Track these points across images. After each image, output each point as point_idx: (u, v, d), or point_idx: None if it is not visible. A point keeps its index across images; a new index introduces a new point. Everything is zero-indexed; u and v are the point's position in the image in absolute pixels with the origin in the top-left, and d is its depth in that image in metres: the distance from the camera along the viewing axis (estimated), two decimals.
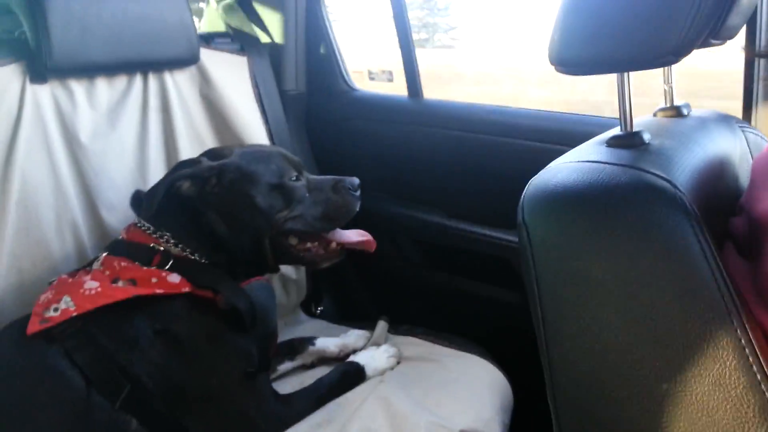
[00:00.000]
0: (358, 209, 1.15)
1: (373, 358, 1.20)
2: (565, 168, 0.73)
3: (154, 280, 0.99)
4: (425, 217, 1.59)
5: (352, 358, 1.20)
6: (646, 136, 0.76)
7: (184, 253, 1.04)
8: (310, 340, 1.28)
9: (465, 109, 1.56)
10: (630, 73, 0.74)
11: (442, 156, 1.55)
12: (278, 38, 1.68)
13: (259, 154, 1.12)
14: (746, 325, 0.61)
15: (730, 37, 0.79)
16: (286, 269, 1.48)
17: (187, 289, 1.00)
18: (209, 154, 1.13)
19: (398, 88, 1.70)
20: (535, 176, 0.75)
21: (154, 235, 1.05)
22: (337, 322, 1.47)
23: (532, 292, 0.73)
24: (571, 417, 0.74)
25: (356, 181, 1.17)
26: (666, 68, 0.91)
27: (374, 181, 1.66)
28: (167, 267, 1.01)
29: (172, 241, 1.04)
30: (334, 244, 1.14)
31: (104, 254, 1.04)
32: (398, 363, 1.22)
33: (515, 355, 1.21)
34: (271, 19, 1.68)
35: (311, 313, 1.55)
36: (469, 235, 1.50)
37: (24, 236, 1.13)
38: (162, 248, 1.03)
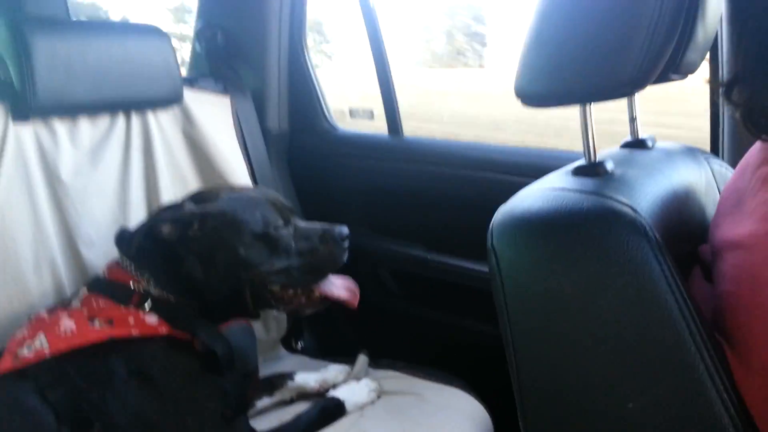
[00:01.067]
0: (345, 261, 1.13)
1: (353, 392, 1.20)
2: (532, 195, 0.75)
3: (131, 320, 0.99)
4: (406, 251, 1.61)
5: (332, 393, 1.19)
6: (609, 166, 0.78)
7: (163, 295, 1.04)
8: (289, 376, 1.27)
9: (443, 145, 1.60)
10: (592, 105, 0.77)
11: (421, 191, 1.58)
12: (261, 80, 1.73)
13: (245, 201, 1.10)
14: (706, 346, 0.62)
15: (691, 71, 0.83)
16: None
17: (164, 331, 1.00)
18: (195, 197, 1.13)
19: (379, 126, 1.74)
20: (504, 204, 0.77)
21: (135, 275, 1.04)
22: (318, 356, 1.46)
23: (502, 315, 0.74)
24: None
25: (345, 231, 1.14)
26: (630, 102, 0.95)
27: (356, 216, 1.68)
28: (146, 307, 1.01)
29: (152, 281, 1.04)
30: (317, 294, 1.12)
31: (84, 291, 1.04)
32: (378, 397, 1.22)
33: (495, 387, 1.20)
34: (255, 60, 1.73)
35: (292, 349, 1.54)
36: (449, 268, 1.52)
37: (2, 271, 1.13)
38: (142, 288, 1.03)
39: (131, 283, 1.04)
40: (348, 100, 1.96)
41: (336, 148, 1.77)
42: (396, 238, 1.64)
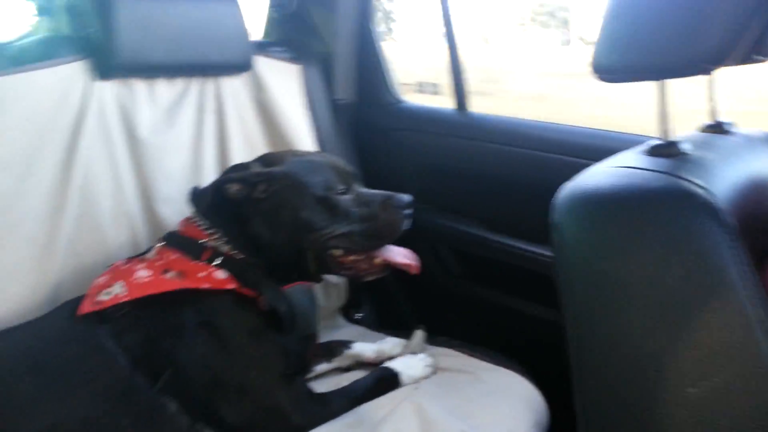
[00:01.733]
0: (406, 228, 1.13)
1: (409, 365, 1.20)
2: (601, 172, 0.74)
3: (201, 274, 1.03)
4: (467, 230, 1.59)
5: (387, 365, 1.20)
6: (685, 146, 0.75)
7: (232, 252, 1.07)
8: (347, 344, 1.29)
9: (510, 123, 1.56)
10: (669, 83, 0.74)
11: (486, 169, 1.55)
12: (330, 49, 1.72)
13: (309, 165, 1.13)
14: None
15: None
16: None
17: (232, 286, 1.03)
18: (263, 159, 1.16)
19: (445, 102, 1.72)
20: (570, 180, 0.75)
21: (207, 232, 1.08)
22: (375, 329, 1.48)
23: (562, 292, 0.73)
24: (597, 422, 0.73)
25: (407, 198, 1.14)
26: (709, 84, 0.90)
27: (418, 191, 1.66)
28: (215, 263, 1.05)
29: (222, 239, 1.08)
30: (378, 260, 1.14)
31: (159, 244, 1.09)
32: (434, 373, 1.22)
33: (553, 373, 1.19)
34: (324, 30, 1.72)
35: (350, 318, 1.56)
36: (511, 249, 1.49)
37: (82, 223, 1.18)
38: (212, 245, 1.07)
39: (203, 239, 1.07)
40: (414, 74, 1.94)
41: (401, 122, 1.76)
42: (458, 215, 1.63)
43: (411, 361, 1.22)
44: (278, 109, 1.48)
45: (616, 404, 0.70)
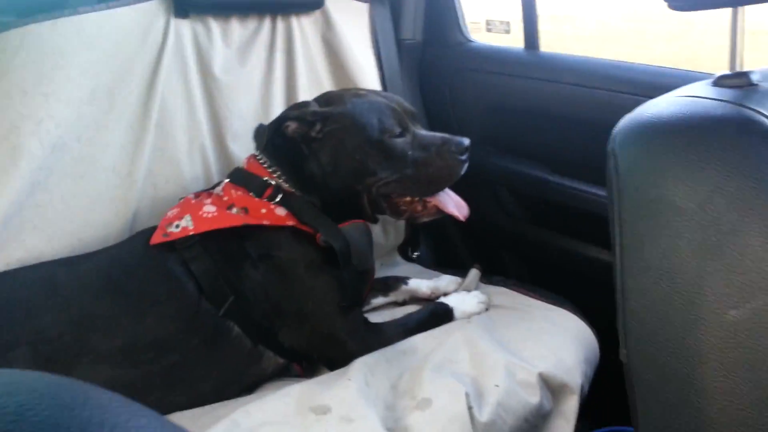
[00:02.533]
0: (462, 173, 1.14)
1: (463, 301, 1.24)
2: (664, 101, 0.73)
3: (263, 210, 1.08)
4: (528, 172, 1.58)
5: (441, 300, 1.24)
6: (755, 77, 0.72)
7: (292, 190, 1.12)
8: (403, 280, 1.34)
9: (582, 62, 1.52)
10: (744, 10, 0.70)
11: (553, 110, 1.52)
12: None
13: (367, 105, 1.14)
14: None
15: None
16: None
17: (291, 222, 1.08)
18: (323, 98, 1.18)
19: (516, 41, 1.68)
20: (632, 110, 0.74)
21: (269, 169, 1.13)
22: (432, 267, 1.51)
23: (613, 220, 0.74)
24: (639, 341, 0.75)
25: (465, 142, 1.14)
26: None
27: (482, 132, 1.67)
28: (276, 200, 1.09)
29: (283, 177, 1.12)
30: (431, 204, 1.16)
31: (226, 181, 1.15)
32: (487, 309, 1.25)
33: (607, 313, 1.20)
34: None
35: (407, 257, 1.60)
36: (571, 191, 1.48)
37: (160, 155, 1.26)
38: (274, 182, 1.12)
39: (265, 176, 1.12)
40: (484, 11, 1.89)
41: (468, 62, 1.73)
42: (520, 157, 1.61)
43: (465, 297, 1.25)
44: (345, 48, 1.50)
45: (658, 325, 0.71)
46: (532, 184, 1.57)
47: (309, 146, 1.12)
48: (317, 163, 1.12)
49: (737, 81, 0.73)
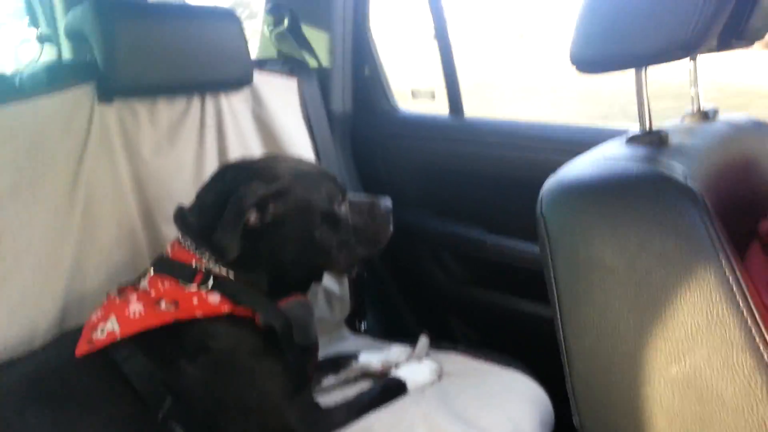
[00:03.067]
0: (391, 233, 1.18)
1: (415, 372, 1.22)
2: (582, 163, 0.76)
3: (195, 301, 1.02)
4: (466, 233, 1.61)
5: (394, 373, 1.22)
6: (665, 135, 0.77)
7: (224, 272, 1.05)
8: (353, 356, 1.30)
9: (505, 126, 1.59)
10: (647, 72, 0.76)
11: (482, 172, 1.58)
12: (326, 61, 1.75)
13: (310, 177, 1.11)
14: (753, 310, 0.63)
15: (756, 38, 0.81)
16: (331, 285, 1.53)
17: (226, 309, 1.03)
18: (255, 170, 1.09)
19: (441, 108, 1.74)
20: (555, 173, 0.77)
21: (196, 253, 1.06)
22: (381, 338, 1.49)
23: (550, 283, 0.75)
24: (589, 405, 0.76)
25: (389, 204, 1.19)
26: (691, 72, 0.92)
27: (417, 197, 1.70)
28: (208, 286, 1.04)
29: (212, 258, 1.06)
30: None
31: (150, 272, 1.08)
32: (439, 378, 1.24)
33: (556, 371, 1.21)
34: (320, 43, 1.75)
35: (355, 329, 1.58)
36: (509, 250, 1.52)
37: (88, 245, 1.20)
38: (203, 266, 1.05)
39: (193, 261, 1.06)
40: (410, 81, 1.97)
41: (398, 129, 1.78)
42: (457, 219, 1.65)
43: (416, 368, 1.23)
44: (276, 123, 1.50)
45: (605, 387, 0.73)
46: (471, 245, 1.60)
47: (258, 230, 1.05)
48: (266, 243, 1.07)
49: (648, 139, 0.77)
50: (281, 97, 1.55)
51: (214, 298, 1.03)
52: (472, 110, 1.69)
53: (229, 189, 1.05)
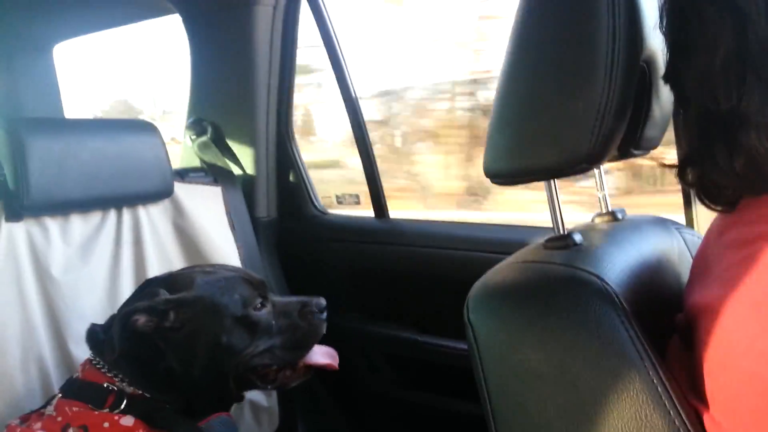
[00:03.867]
0: (324, 332, 1.13)
1: None
2: (505, 268, 0.78)
3: (106, 425, 0.95)
4: (397, 334, 1.60)
5: None
6: (578, 238, 0.81)
7: (139, 393, 1.00)
8: None
9: (429, 226, 1.64)
10: (557, 181, 0.80)
11: (409, 271, 1.59)
12: (250, 169, 1.78)
13: (223, 282, 1.08)
14: (679, 409, 0.63)
15: (652, 147, 0.88)
16: (257, 397, 1.46)
17: None
18: (168, 281, 1.08)
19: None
20: (480, 278, 0.79)
21: (109, 374, 1.00)
22: None
23: (481, 389, 0.75)
24: None
25: (323, 302, 1.14)
26: (597, 177, 0.98)
27: (347, 299, 1.69)
28: (121, 408, 0.97)
29: (126, 379, 1.00)
30: (300, 365, 1.12)
31: (58, 397, 1.01)
32: None
33: None
34: (243, 152, 1.79)
35: None
36: (442, 349, 1.51)
37: None
38: (116, 388, 0.99)
39: (104, 382, 1.00)
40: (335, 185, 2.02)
41: (324, 233, 1.80)
42: (387, 320, 1.64)
43: None
44: (200, 233, 1.48)
45: None
46: (403, 346, 1.59)
47: (162, 339, 1.01)
48: (175, 356, 1.01)
49: (563, 242, 0.81)
50: (205, 206, 1.54)
51: (128, 421, 0.96)
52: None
53: None
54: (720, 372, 0.62)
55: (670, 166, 0.74)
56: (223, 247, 1.52)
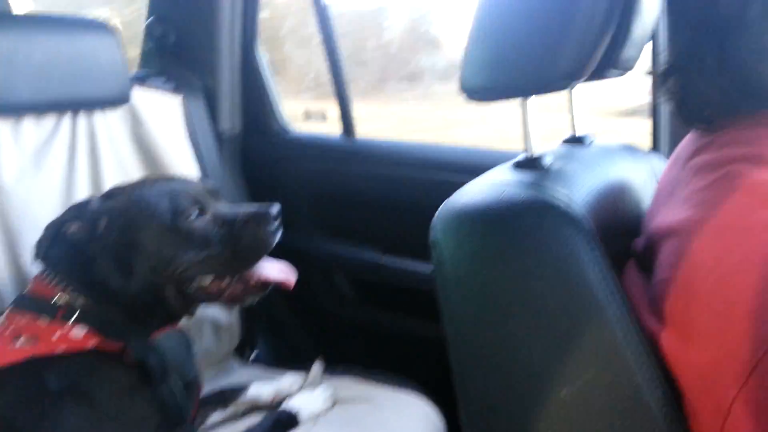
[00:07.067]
0: (276, 241, 1.06)
1: (307, 401, 1.19)
2: (472, 189, 0.77)
3: (56, 335, 0.93)
4: (360, 255, 1.61)
5: (285, 403, 1.18)
6: (547, 160, 0.81)
7: (89, 304, 0.98)
8: (242, 389, 1.24)
9: (396, 147, 1.61)
10: (530, 101, 0.79)
11: (375, 193, 1.58)
12: (213, 79, 1.69)
13: (156, 191, 1.03)
14: (635, 334, 0.66)
15: (628, 68, 0.87)
16: (217, 315, 1.46)
17: (92, 343, 0.94)
18: (108, 193, 1.06)
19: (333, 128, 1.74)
20: (448, 198, 0.78)
21: (58, 285, 0.98)
22: (273, 366, 1.44)
23: (443, 310, 0.76)
24: (480, 427, 0.76)
25: (273, 210, 1.06)
26: (569, 99, 0.97)
27: (310, 219, 1.67)
28: (72, 319, 0.95)
29: (75, 291, 0.98)
30: (253, 280, 1.07)
31: (8, 309, 0.99)
32: (333, 405, 1.22)
33: (451, 391, 1.23)
34: (206, 61, 1.68)
35: (246, 360, 1.51)
36: (403, 272, 1.53)
37: None
38: (66, 300, 0.97)
39: (55, 295, 0.97)
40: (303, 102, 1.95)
41: (289, 150, 1.75)
42: (350, 242, 1.64)
43: (309, 397, 1.20)
44: (158, 143, 1.42)
45: (497, 413, 0.73)
46: (366, 268, 1.60)
47: (95, 248, 0.98)
48: (108, 265, 0.99)
49: (533, 164, 0.80)
50: (164, 116, 1.46)
51: (79, 332, 0.94)
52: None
53: None
54: (681, 292, 0.63)
55: (655, 74, 0.73)
56: (182, 161, 1.46)
